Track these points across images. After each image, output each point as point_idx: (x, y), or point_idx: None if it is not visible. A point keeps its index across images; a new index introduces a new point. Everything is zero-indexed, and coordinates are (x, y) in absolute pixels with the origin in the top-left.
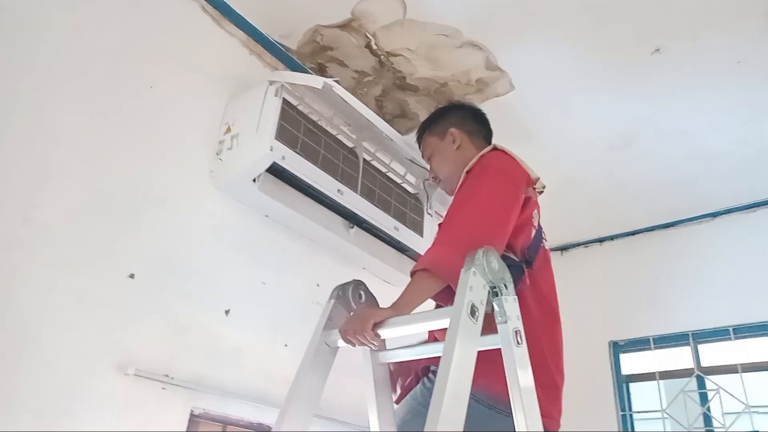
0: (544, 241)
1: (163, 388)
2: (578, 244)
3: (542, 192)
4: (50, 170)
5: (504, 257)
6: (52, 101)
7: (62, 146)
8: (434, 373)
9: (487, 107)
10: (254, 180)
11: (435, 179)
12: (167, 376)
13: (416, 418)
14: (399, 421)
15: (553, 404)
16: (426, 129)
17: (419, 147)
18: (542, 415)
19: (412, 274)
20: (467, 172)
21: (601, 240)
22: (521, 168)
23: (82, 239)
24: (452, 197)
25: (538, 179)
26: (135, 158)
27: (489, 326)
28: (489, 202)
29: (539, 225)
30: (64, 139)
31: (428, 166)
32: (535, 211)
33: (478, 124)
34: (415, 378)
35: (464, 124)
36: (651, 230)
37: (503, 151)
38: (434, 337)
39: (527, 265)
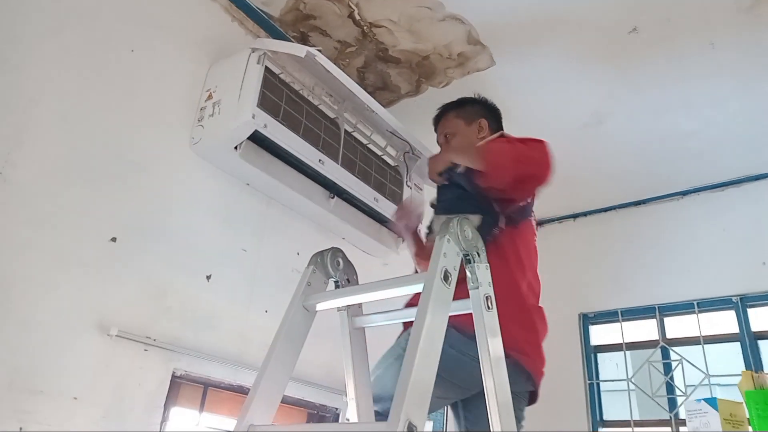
0: (532, 217)
1: (145, 350)
2: (553, 220)
3: None
4: (27, 130)
5: (488, 206)
6: (29, 60)
7: (39, 106)
8: None
9: (467, 81)
10: (236, 148)
11: None
12: (149, 337)
13: (398, 361)
14: (383, 364)
15: (529, 344)
16: (452, 109)
17: (436, 123)
18: (515, 350)
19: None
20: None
21: (575, 216)
22: None
23: (60, 200)
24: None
25: None
26: (114, 121)
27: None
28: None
29: (530, 203)
30: (41, 99)
31: (439, 142)
32: None
33: (497, 123)
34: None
35: (492, 121)
36: (623, 207)
37: None
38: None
39: (510, 222)
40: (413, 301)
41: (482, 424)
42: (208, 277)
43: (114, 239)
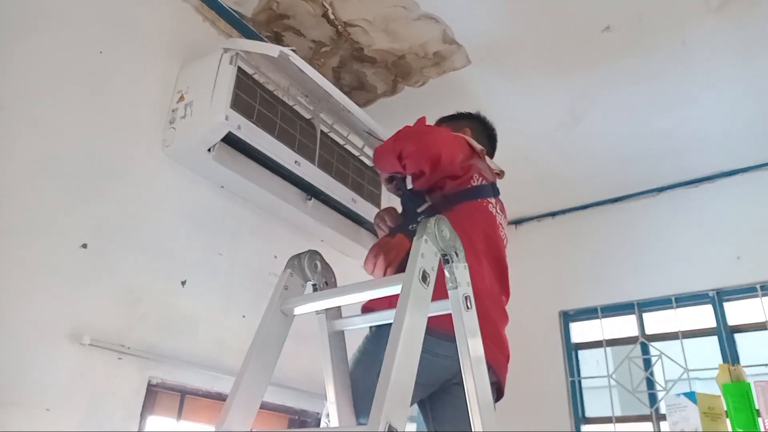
0: (488, 203)
1: (120, 358)
2: (532, 218)
3: (500, 175)
4: None
5: (419, 198)
6: None
7: (6, 111)
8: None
9: (444, 81)
10: (209, 150)
11: None
12: (123, 345)
13: (357, 366)
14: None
15: (483, 331)
16: (445, 121)
17: None
18: None
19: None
20: None
21: (553, 214)
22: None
23: (29, 206)
24: None
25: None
26: (84, 125)
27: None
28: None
29: (482, 185)
30: (7, 104)
31: None
32: (476, 175)
33: (487, 141)
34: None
35: (478, 134)
36: (600, 204)
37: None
38: (369, 307)
39: (440, 206)
40: (368, 305)
41: (451, 419)
42: (183, 283)
43: (85, 245)
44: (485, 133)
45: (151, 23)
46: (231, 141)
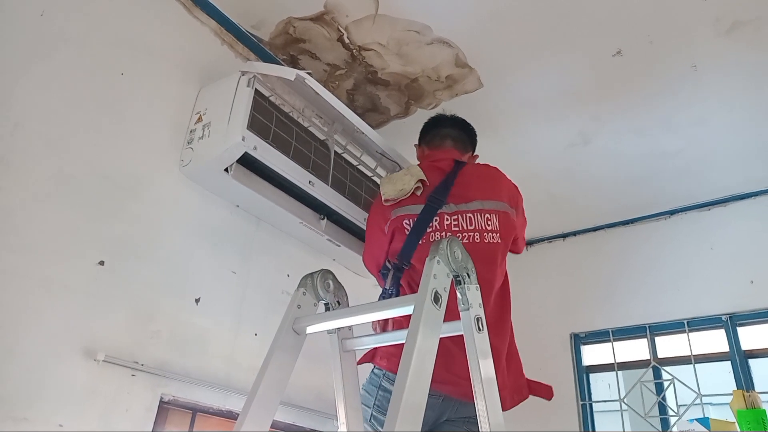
0: (431, 232)
1: (133, 375)
2: (542, 239)
3: (417, 189)
4: (13, 154)
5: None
6: (15, 85)
7: (26, 130)
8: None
9: (456, 103)
10: (226, 170)
11: None
12: (137, 362)
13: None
14: None
15: (447, 371)
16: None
17: None
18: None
19: None
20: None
21: (564, 236)
22: (377, 213)
23: (48, 225)
24: None
25: (407, 194)
26: (103, 144)
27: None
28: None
29: (414, 226)
30: (27, 124)
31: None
32: (405, 222)
33: (431, 130)
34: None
35: (423, 137)
36: (611, 227)
37: (377, 199)
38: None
39: (402, 266)
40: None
41: None
42: (197, 300)
43: (102, 263)
44: (425, 126)
45: (171, 46)
46: (247, 161)
